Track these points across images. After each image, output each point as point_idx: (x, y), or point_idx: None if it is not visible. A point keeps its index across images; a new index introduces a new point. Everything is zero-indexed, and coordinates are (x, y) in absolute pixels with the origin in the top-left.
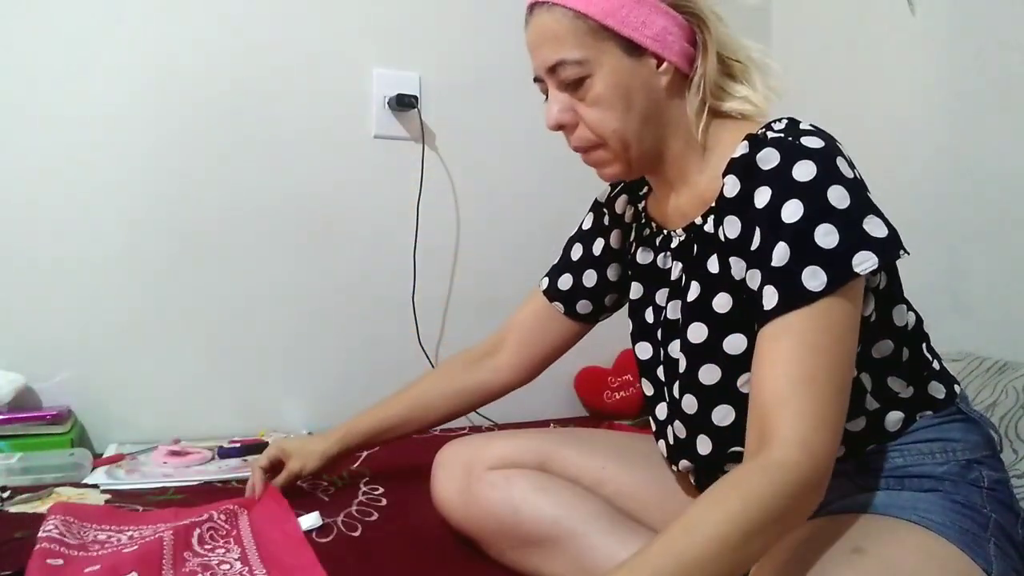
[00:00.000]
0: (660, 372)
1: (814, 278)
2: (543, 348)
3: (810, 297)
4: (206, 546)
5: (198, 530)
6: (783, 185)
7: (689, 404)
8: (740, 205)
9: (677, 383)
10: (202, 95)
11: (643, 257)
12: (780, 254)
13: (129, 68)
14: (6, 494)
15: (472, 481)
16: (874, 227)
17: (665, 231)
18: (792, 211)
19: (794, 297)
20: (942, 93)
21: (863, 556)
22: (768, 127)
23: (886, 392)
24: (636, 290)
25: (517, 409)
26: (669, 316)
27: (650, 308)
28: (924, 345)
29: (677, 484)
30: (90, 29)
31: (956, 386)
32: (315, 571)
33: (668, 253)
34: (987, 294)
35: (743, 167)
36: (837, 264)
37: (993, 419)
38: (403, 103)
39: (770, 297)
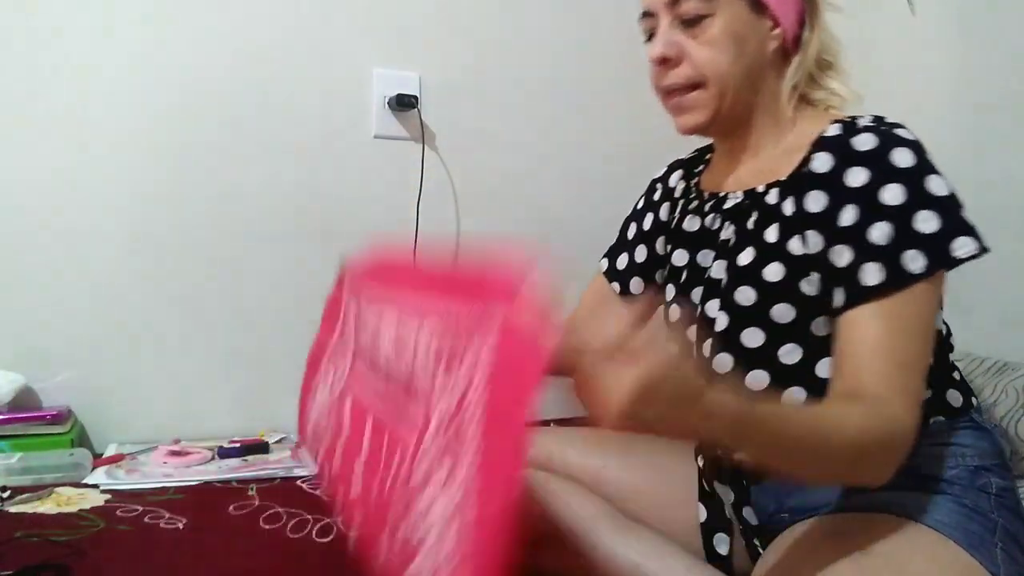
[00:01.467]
0: (691, 332)
1: (914, 261)
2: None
3: (911, 279)
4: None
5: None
6: (882, 169)
7: (723, 363)
8: (829, 182)
9: (709, 342)
10: (202, 95)
11: (690, 224)
12: (880, 234)
13: (128, 68)
14: (6, 494)
15: None
16: (969, 218)
17: (720, 194)
18: (893, 194)
19: (897, 278)
20: (942, 93)
21: (871, 556)
22: (854, 118)
23: None
24: (680, 257)
25: None
26: (712, 275)
27: (692, 269)
28: (949, 354)
29: (678, 484)
30: (89, 29)
31: (973, 398)
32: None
33: (718, 214)
34: (987, 294)
35: (837, 146)
36: (936, 249)
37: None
38: (403, 103)
39: (872, 274)
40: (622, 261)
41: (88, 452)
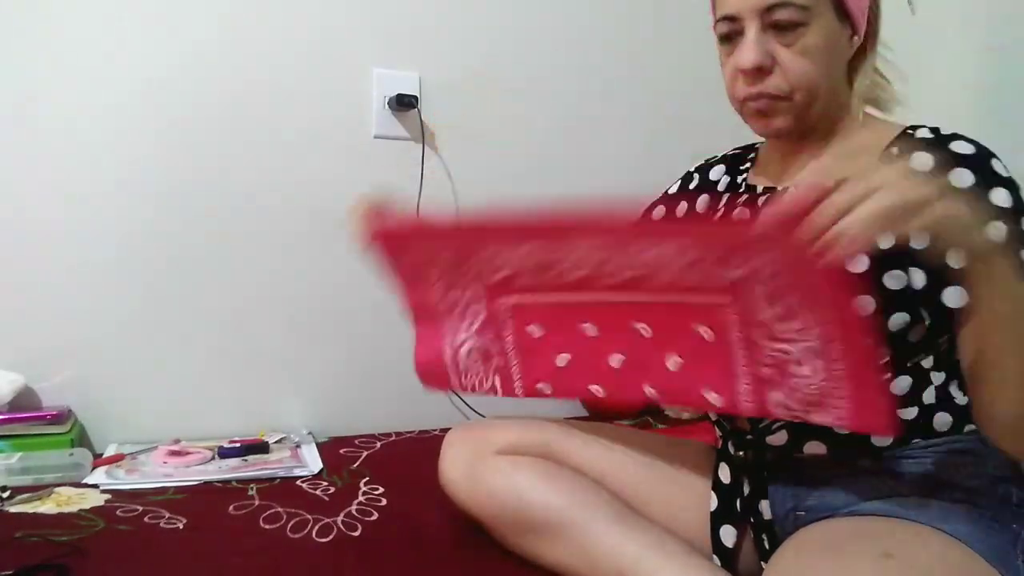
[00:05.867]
0: None
1: None
2: None
3: None
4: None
5: None
6: (985, 174)
7: None
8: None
9: None
10: (201, 96)
11: (740, 215)
12: (997, 233)
13: (127, 69)
14: (6, 494)
15: (478, 464)
16: None
17: (778, 187)
18: (1003, 197)
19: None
20: (942, 93)
21: (892, 561)
22: (925, 127)
23: (945, 393)
24: None
25: (516, 408)
26: None
27: None
28: None
29: (681, 482)
30: (89, 30)
31: None
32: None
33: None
34: None
35: (936, 148)
36: None
37: None
38: (403, 103)
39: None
40: None
41: (88, 452)
